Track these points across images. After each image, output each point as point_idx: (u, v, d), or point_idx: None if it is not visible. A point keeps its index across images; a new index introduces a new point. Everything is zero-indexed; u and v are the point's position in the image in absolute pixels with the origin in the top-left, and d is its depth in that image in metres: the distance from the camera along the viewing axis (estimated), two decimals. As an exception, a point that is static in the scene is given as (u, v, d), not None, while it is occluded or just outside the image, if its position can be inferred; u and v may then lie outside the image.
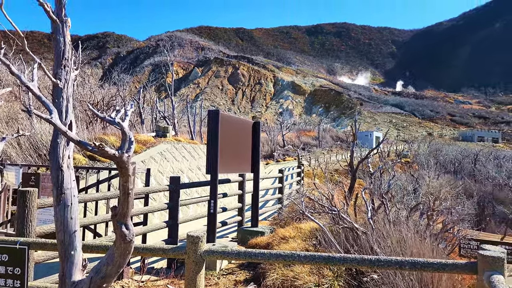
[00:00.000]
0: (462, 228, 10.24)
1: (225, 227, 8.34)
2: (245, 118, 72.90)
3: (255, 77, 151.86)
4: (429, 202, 7.65)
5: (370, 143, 48.81)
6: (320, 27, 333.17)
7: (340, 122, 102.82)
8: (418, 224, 7.85)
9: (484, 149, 45.81)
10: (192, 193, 11.21)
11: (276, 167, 25.87)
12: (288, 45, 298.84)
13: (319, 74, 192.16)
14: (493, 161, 34.01)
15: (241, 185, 8.24)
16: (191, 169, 11.99)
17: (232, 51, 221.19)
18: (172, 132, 13.91)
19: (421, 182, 12.08)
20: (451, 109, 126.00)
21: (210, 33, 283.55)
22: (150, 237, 6.46)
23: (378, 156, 28.14)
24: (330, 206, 6.77)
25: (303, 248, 6.33)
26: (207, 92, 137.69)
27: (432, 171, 11.32)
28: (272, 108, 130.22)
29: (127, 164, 2.41)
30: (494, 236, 15.47)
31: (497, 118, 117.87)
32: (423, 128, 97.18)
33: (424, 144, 48.27)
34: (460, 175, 29.77)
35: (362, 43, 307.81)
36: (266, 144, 36.14)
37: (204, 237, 3.51)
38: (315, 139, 46.88)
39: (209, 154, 6.37)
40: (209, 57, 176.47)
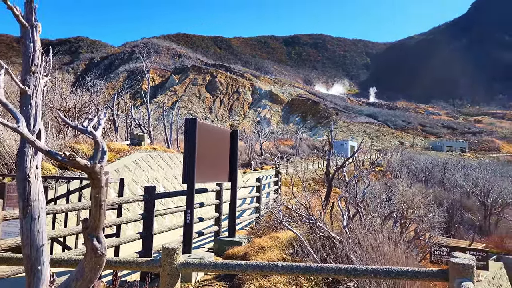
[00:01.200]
0: (433, 235, 10.57)
1: (201, 237, 8.21)
2: (223, 126, 72.79)
3: (233, 86, 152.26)
4: (402, 210, 7.86)
5: (346, 152, 49.76)
6: (297, 37, 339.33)
7: (317, 131, 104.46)
8: (392, 231, 8.03)
9: (452, 158, 47.76)
10: (168, 203, 10.98)
11: (253, 175, 25.86)
12: (266, 54, 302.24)
13: (296, 84, 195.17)
14: (461, 170, 35.46)
15: (218, 194, 8.16)
16: (167, 178, 11.77)
17: (210, 59, 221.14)
18: (147, 140, 13.61)
19: (394, 190, 12.40)
20: (422, 120, 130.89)
21: (187, 41, 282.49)
22: (123, 248, 6.26)
23: (353, 165, 28.74)
24: (307, 215, 6.81)
25: (280, 258, 6.31)
26: (184, 99, 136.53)
27: (405, 180, 11.66)
28: (250, 117, 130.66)
29: (99, 175, 2.33)
30: (463, 243, 16.06)
31: (464, 128, 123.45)
32: (395, 137, 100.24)
33: (396, 153, 49.76)
34: (430, 183, 30.82)
35: (337, 54, 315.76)
36: (244, 152, 36.12)
37: (180, 249, 3.43)
38: (292, 148, 47.31)
39: (185, 163, 6.27)
40: (187, 64, 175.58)
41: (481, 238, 19.91)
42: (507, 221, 23.72)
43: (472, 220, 23.45)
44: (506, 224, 23.26)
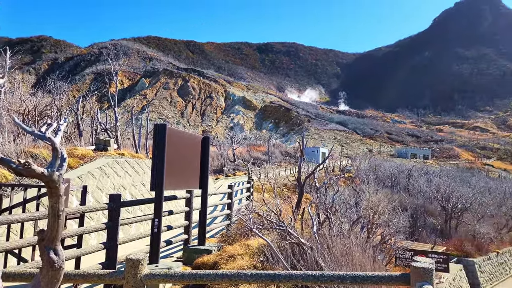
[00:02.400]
0: (398, 239, 10.93)
1: (170, 246, 8.00)
2: (195, 132, 71.72)
3: (206, 91, 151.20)
4: (369, 216, 8.07)
5: (317, 158, 50.64)
6: (270, 45, 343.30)
7: (289, 137, 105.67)
8: (359, 237, 8.21)
9: (416, 165, 49.79)
10: (135, 211, 10.64)
11: (226, 182, 25.67)
12: (240, 60, 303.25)
13: (269, 91, 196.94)
14: (424, 176, 37.01)
15: (188, 201, 8.01)
16: (135, 185, 11.41)
17: (182, 63, 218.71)
18: (114, 146, 13.14)
19: (362, 196, 12.73)
20: (389, 128, 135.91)
21: (159, 44, 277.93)
22: (86, 260, 5.97)
23: (324, 171, 29.26)
24: (278, 222, 6.82)
25: (250, 266, 6.27)
26: (154, 104, 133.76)
27: (372, 186, 11.99)
28: (223, 122, 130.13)
29: (58, 184, 2.21)
30: (425, 246, 16.71)
31: (428, 137, 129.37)
32: (364, 144, 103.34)
33: (365, 160, 51.26)
34: (396, 189, 31.93)
35: (309, 63, 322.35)
36: (216, 158, 35.83)
37: (145, 260, 3.31)
38: (265, 154, 47.50)
39: (154, 170, 6.11)
40: (158, 68, 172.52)
41: (442, 242, 20.80)
42: (466, 225, 24.96)
43: (434, 224, 24.50)
44: (465, 228, 24.45)
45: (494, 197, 35.91)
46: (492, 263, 21.20)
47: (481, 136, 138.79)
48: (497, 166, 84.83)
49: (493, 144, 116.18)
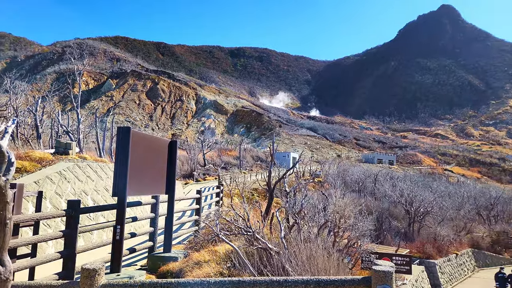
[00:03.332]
0: (364, 242, 11.20)
1: (134, 254, 7.73)
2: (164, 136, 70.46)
3: (176, 94, 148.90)
4: (335, 220, 8.21)
5: (288, 163, 51.16)
6: (242, 50, 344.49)
7: (261, 142, 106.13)
8: (326, 241, 8.32)
9: (382, 170, 51.59)
10: (98, 217, 10.20)
11: (195, 187, 25.31)
12: (211, 64, 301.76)
13: (241, 95, 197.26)
14: (389, 181, 38.39)
15: (154, 207, 7.78)
16: (97, 191, 10.94)
17: (151, 65, 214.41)
18: (76, 149, 12.55)
19: (331, 200, 12.96)
20: (356, 134, 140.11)
21: (127, 45, 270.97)
22: (42, 269, 5.63)
23: (294, 176, 29.57)
24: (246, 227, 6.77)
25: (217, 272, 6.16)
26: (121, 106, 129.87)
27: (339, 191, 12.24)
28: (194, 126, 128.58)
29: (4, 190, 2.05)
30: (390, 249, 17.25)
31: (393, 143, 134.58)
32: (333, 150, 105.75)
33: (334, 165, 52.42)
34: (363, 193, 32.86)
35: (281, 69, 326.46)
36: (186, 163, 35.27)
37: (103, 269, 3.15)
38: (236, 159, 47.38)
39: (116, 175, 5.89)
40: (126, 69, 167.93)
41: (406, 244, 21.57)
42: (427, 228, 26.07)
43: (398, 228, 25.38)
44: (427, 231, 25.53)
45: (454, 201, 37.88)
46: (451, 264, 22.20)
47: (441, 143, 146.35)
48: (456, 172, 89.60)
49: (452, 150, 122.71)
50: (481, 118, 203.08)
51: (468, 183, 66.41)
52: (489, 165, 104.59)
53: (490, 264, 27.53)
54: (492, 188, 58.19)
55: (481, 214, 38.98)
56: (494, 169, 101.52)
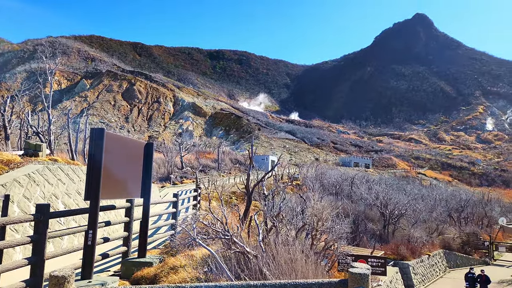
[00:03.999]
0: (340, 245, 11.33)
1: (107, 259, 7.47)
2: (140, 138, 68.98)
3: (154, 95, 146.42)
4: (313, 223, 8.25)
5: (266, 166, 51.28)
6: (222, 52, 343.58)
7: (240, 145, 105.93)
8: (304, 243, 8.35)
9: (358, 173, 52.58)
10: (69, 222, 9.82)
11: (172, 190, 24.88)
12: (190, 66, 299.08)
13: (220, 98, 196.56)
14: (365, 184, 39.17)
15: (128, 211, 7.55)
16: (69, 194, 10.54)
17: (128, 65, 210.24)
18: (46, 151, 12.04)
19: (309, 203, 13.05)
20: (334, 138, 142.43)
21: (103, 44, 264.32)
22: (9, 276, 5.33)
23: (273, 179, 29.67)
24: (224, 231, 6.68)
25: (193, 277, 6.04)
26: (96, 107, 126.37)
27: (317, 194, 12.34)
28: (171, 128, 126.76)
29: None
30: (365, 251, 17.55)
31: (369, 147, 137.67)
32: (311, 153, 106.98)
33: (312, 168, 52.99)
34: (340, 196, 33.38)
35: (260, 72, 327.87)
36: (163, 165, 34.68)
37: (72, 276, 3.00)
38: (214, 162, 47.04)
39: (89, 178, 5.68)
40: (101, 69, 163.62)
41: (381, 246, 22.02)
42: (402, 230, 26.77)
43: (374, 230, 25.91)
44: (401, 233, 26.20)
45: (426, 203, 39.08)
46: (424, 265, 22.83)
47: (415, 147, 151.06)
48: (429, 175, 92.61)
49: (425, 154, 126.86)
50: (452, 124, 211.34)
51: (440, 186, 68.83)
52: (460, 169, 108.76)
53: (460, 264, 28.48)
54: (462, 191, 60.59)
55: (452, 216, 40.43)
56: (464, 172, 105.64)
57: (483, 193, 60.86)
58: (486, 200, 53.57)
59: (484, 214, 44.56)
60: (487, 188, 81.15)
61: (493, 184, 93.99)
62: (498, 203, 56.01)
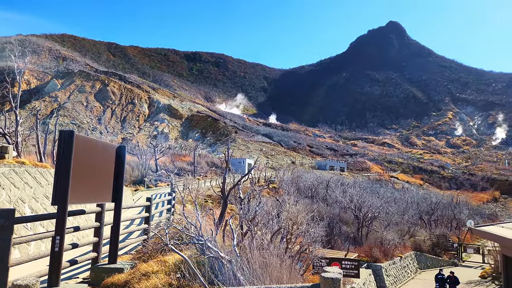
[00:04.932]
0: (315, 248, 11.45)
1: (76, 266, 7.19)
2: (113, 140, 67.25)
3: (128, 96, 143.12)
4: (288, 227, 8.31)
5: (243, 169, 51.23)
6: (199, 54, 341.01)
7: (216, 148, 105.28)
8: (279, 247, 8.37)
9: (334, 176, 53.51)
10: (36, 227, 9.40)
11: (146, 193, 24.37)
12: (166, 67, 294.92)
13: (197, 100, 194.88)
14: (340, 187, 39.89)
15: (99, 216, 7.32)
16: (36, 198, 10.09)
17: (101, 66, 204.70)
18: (13, 153, 11.48)
19: (285, 207, 13.12)
20: (310, 141, 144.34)
21: (75, 44, 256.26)
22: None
23: (249, 182, 29.63)
24: (197, 236, 6.59)
25: (166, 284, 5.91)
26: (67, 107, 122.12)
27: (292, 197, 12.44)
28: (146, 130, 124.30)
29: None
30: (340, 254, 17.82)
31: (344, 150, 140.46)
32: (288, 156, 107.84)
33: (288, 171, 53.42)
34: (315, 199, 33.80)
35: (238, 75, 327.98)
36: (137, 168, 33.91)
37: (37, 285, 2.86)
38: (190, 164, 46.48)
39: (57, 182, 5.46)
40: (73, 69, 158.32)
41: (355, 248, 22.44)
42: (375, 232, 27.39)
43: (348, 232, 26.38)
44: (374, 235, 26.81)
45: (399, 206, 40.26)
46: (396, 267, 23.42)
47: (388, 151, 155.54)
48: (401, 178, 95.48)
49: (398, 158, 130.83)
50: (423, 129, 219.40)
51: (412, 189, 71.06)
52: (430, 173, 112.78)
53: (430, 266, 29.37)
54: (433, 194, 62.87)
55: (423, 219, 41.79)
56: (434, 176, 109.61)
57: (452, 196, 63.37)
58: (455, 203, 55.76)
59: (453, 217, 46.32)
60: (456, 191, 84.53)
61: (462, 187, 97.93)
62: (466, 206, 58.47)
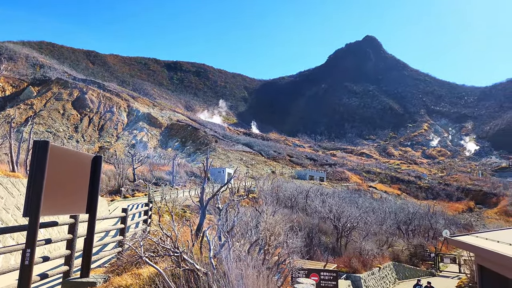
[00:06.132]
0: (294, 259, 11.50)
1: (47, 280, 6.95)
2: (90, 148, 65.66)
3: (106, 105, 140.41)
4: (266, 237, 8.33)
5: (223, 179, 50.93)
6: (179, 64, 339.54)
7: (196, 157, 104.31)
8: (256, 259, 8.36)
9: (313, 186, 53.98)
10: (5, 239, 9.02)
11: (122, 204, 23.80)
12: (146, 76, 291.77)
13: (177, 109, 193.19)
14: (320, 197, 40.29)
15: (72, 228, 7.12)
16: (7, 209, 9.70)
17: (80, 73, 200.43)
18: (-17, 163, 11.05)
19: (262, 218, 13.14)
20: (290, 151, 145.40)
21: (53, 51, 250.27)
22: None
23: (229, 192, 29.54)
24: (173, 248, 6.52)
25: (140, 297, 5.80)
26: (43, 115, 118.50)
27: (270, 207, 12.49)
28: (124, 139, 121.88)
29: None
30: (319, 264, 17.93)
31: (323, 160, 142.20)
32: (268, 166, 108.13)
33: (268, 181, 53.53)
34: (295, 209, 33.98)
35: (218, 85, 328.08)
36: (114, 178, 33.13)
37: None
38: (169, 174, 45.84)
39: (29, 192, 5.32)
40: (50, 76, 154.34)
41: (334, 259, 22.61)
42: (354, 243, 27.69)
43: (327, 243, 26.58)
44: (353, 245, 27.08)
45: (377, 216, 40.94)
46: (375, 278, 23.66)
47: (366, 161, 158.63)
48: (379, 188, 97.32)
49: (376, 168, 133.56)
50: (400, 139, 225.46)
51: (389, 199, 72.57)
52: (408, 183, 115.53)
53: (408, 276, 29.76)
54: (410, 204, 64.31)
55: (400, 229, 42.59)
56: (411, 186, 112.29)
57: (429, 206, 65.03)
58: (431, 213, 57.15)
59: (430, 226, 47.43)
60: (433, 201, 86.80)
61: (438, 197, 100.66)
62: (442, 216, 60.05)
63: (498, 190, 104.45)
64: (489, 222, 71.65)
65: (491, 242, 7.25)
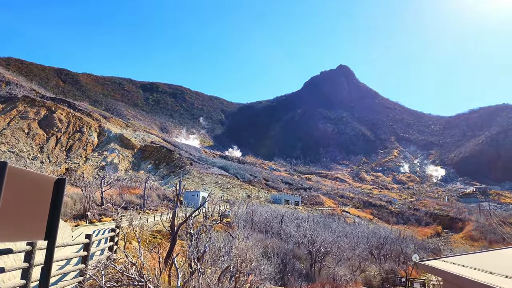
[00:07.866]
0: (267, 286, 11.19)
1: (-5, 314, 6.33)
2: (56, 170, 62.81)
3: (76, 124, 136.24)
4: (237, 264, 8.06)
5: (197, 203, 49.84)
6: (156, 85, 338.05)
7: (169, 180, 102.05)
8: (227, 287, 8.05)
9: (288, 210, 53.81)
10: (-49, 269, 8.22)
11: (88, 229, 22.65)
12: (120, 96, 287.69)
13: (152, 130, 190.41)
14: (294, 221, 40.12)
15: (28, 256, 6.60)
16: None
17: (49, 92, 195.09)
18: None
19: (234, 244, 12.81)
20: (266, 175, 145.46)
21: (21, 68, 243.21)
22: None
23: (203, 216, 28.84)
24: (138, 277, 6.16)
25: (100, 332, 5.37)
26: (5, 134, 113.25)
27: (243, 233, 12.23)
28: (94, 161, 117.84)
29: None
30: (292, 291, 17.55)
31: (299, 184, 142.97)
32: (243, 190, 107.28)
33: (243, 205, 52.94)
34: (270, 234, 33.57)
35: (195, 107, 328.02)
36: (80, 201, 31.63)
37: None
38: (140, 197, 44.38)
39: (-21, 217, 4.89)
40: (16, 94, 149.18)
41: (308, 285, 22.26)
42: (327, 268, 27.50)
43: (301, 269, 26.24)
44: (326, 271, 26.88)
45: (350, 240, 41.02)
46: (347, 302, 23.42)
47: (340, 186, 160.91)
48: (353, 213, 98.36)
49: (349, 193, 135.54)
50: (372, 165, 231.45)
51: (362, 224, 73.24)
52: (379, 207, 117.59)
53: (380, 300, 29.76)
54: (382, 228, 65.11)
55: (373, 253, 42.76)
56: (383, 211, 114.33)
57: (400, 231, 66.08)
58: (402, 238, 57.98)
59: (401, 251, 47.90)
60: (403, 226, 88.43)
61: (408, 222, 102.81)
62: (412, 240, 61.01)
63: (463, 215, 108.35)
64: (456, 247, 73.60)
65: (457, 266, 7.37)
